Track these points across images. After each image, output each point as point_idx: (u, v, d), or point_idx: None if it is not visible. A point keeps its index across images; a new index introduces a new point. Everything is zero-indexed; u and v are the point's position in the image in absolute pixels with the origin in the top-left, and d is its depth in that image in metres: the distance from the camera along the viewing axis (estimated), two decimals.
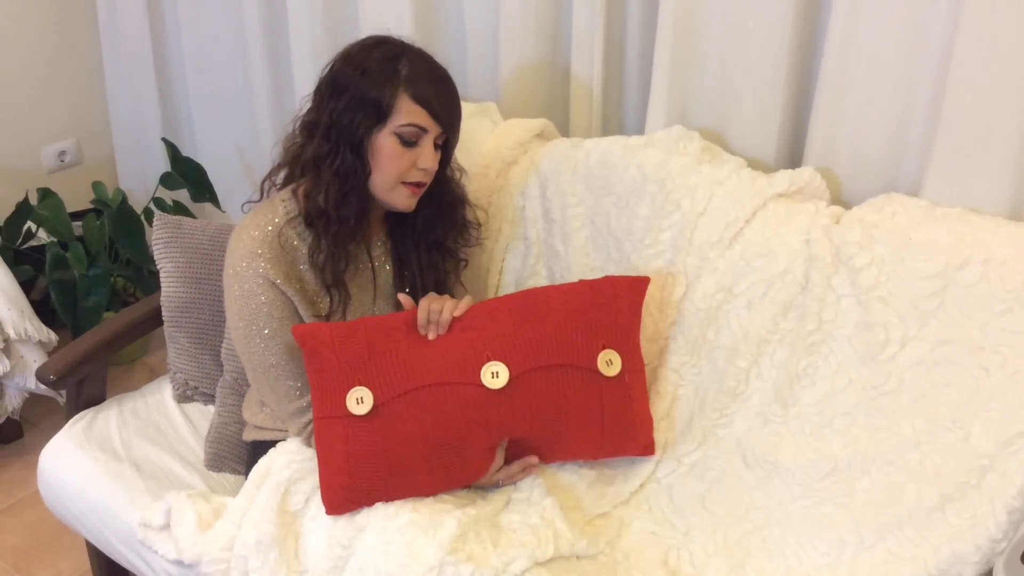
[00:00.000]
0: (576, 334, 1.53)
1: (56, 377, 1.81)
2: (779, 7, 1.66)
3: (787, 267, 1.57)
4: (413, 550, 1.36)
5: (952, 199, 1.54)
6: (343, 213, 1.52)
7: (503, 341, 1.50)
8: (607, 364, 1.54)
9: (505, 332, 1.51)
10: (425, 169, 1.52)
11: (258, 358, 1.54)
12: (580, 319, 1.54)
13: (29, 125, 2.92)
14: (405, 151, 1.50)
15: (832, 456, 1.51)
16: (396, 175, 1.51)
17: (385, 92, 1.47)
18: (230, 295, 1.54)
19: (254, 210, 1.57)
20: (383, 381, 1.46)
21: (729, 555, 1.53)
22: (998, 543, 1.33)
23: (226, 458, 1.79)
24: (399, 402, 1.46)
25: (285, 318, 1.53)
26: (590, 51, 1.93)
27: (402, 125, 1.48)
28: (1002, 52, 1.42)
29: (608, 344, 1.55)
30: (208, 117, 2.85)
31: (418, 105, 1.48)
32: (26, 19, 2.84)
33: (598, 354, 1.54)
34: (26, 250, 2.65)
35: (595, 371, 1.53)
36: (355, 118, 1.48)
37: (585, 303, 1.56)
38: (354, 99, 1.48)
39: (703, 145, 1.76)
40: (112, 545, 1.76)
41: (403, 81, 1.47)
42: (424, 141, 1.51)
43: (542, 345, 1.51)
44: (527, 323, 1.52)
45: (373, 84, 1.47)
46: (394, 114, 1.47)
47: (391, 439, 1.45)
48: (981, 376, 1.40)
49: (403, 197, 1.54)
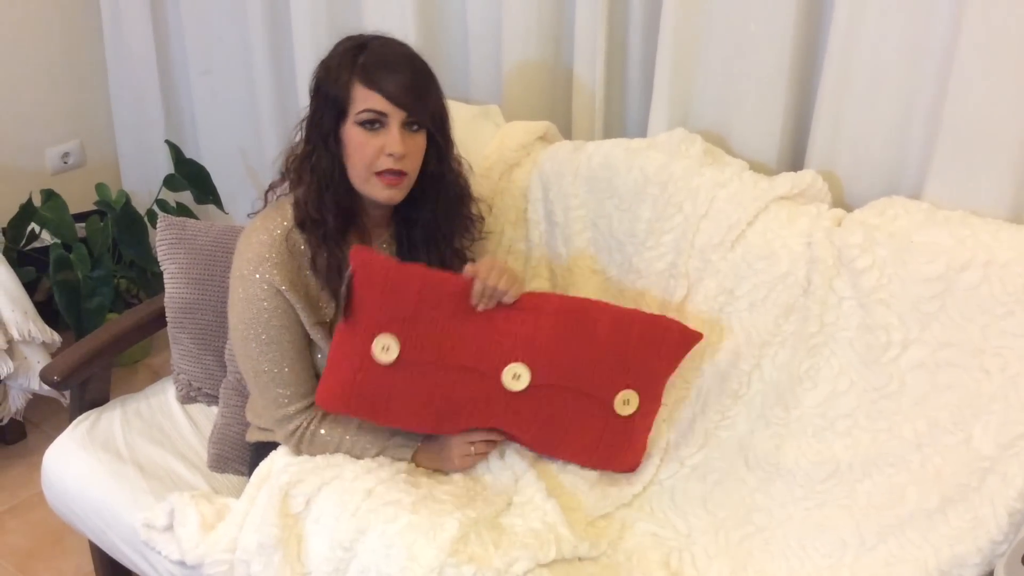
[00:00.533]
0: (606, 366, 1.54)
1: (60, 378, 1.82)
2: (781, 11, 1.66)
3: (789, 269, 1.57)
4: (414, 552, 1.37)
5: (953, 202, 1.54)
6: (323, 212, 1.52)
7: (536, 346, 1.51)
8: (624, 403, 1.55)
9: (542, 337, 1.51)
10: (393, 154, 1.49)
11: (252, 361, 1.55)
12: (618, 351, 1.54)
13: (33, 127, 2.92)
14: (370, 138, 1.48)
15: (834, 458, 1.51)
16: (364, 164, 1.50)
17: (340, 83, 1.48)
18: (234, 296, 1.55)
19: (263, 213, 1.58)
20: (415, 341, 1.48)
21: (731, 557, 1.53)
22: (999, 545, 1.34)
23: (229, 459, 1.79)
24: (420, 367, 1.49)
25: (284, 326, 1.53)
26: (592, 53, 1.93)
27: (359, 112, 1.48)
28: (1002, 55, 1.43)
29: (632, 385, 1.55)
30: (211, 119, 2.86)
31: (370, 90, 1.47)
32: (30, 21, 2.85)
33: (619, 392, 1.54)
34: (30, 252, 2.66)
35: (610, 407, 1.55)
36: (323, 116, 1.50)
37: (630, 337, 1.54)
38: (320, 98, 1.51)
39: (705, 148, 1.76)
40: (115, 546, 1.76)
41: (357, 69, 1.48)
42: (389, 124, 1.48)
43: (571, 365, 1.53)
44: (567, 335, 1.52)
45: (332, 79, 1.49)
46: (352, 103, 1.48)
47: (398, 393, 1.50)
48: (982, 378, 1.41)
49: (379, 188, 1.52)
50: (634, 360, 1.54)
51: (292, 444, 1.58)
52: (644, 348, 1.54)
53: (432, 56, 1.55)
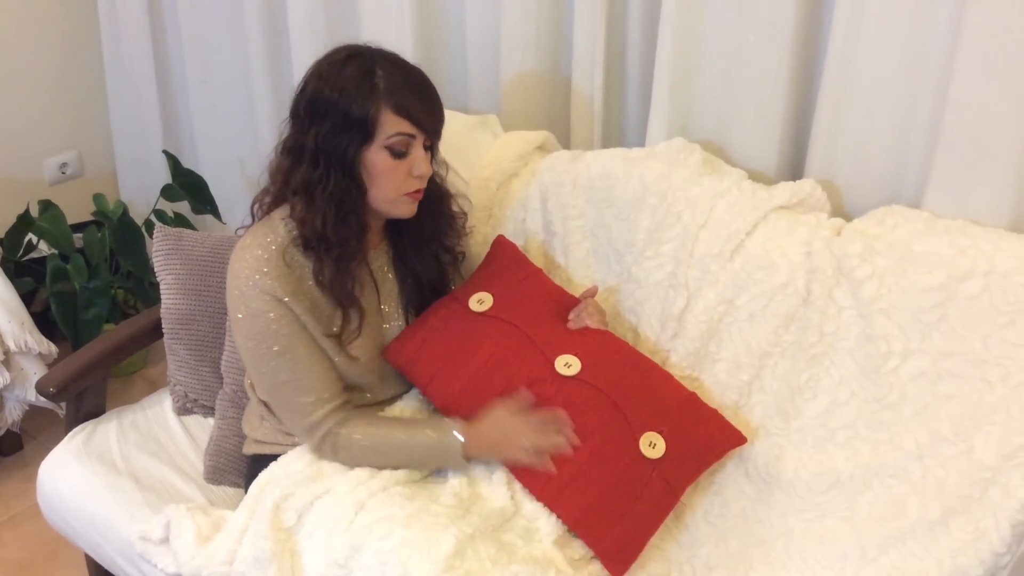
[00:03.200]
0: (647, 400, 1.55)
1: (56, 389, 1.81)
2: (780, 20, 1.66)
3: (788, 279, 1.56)
4: (409, 569, 1.35)
5: (953, 211, 1.54)
6: (343, 235, 1.50)
7: (594, 350, 1.59)
8: (649, 445, 1.50)
9: (603, 350, 1.60)
10: (421, 175, 1.51)
11: (270, 377, 1.53)
12: (662, 396, 1.57)
13: (30, 137, 2.92)
14: (398, 163, 1.48)
15: (834, 469, 1.50)
16: (395, 188, 1.50)
17: (368, 109, 1.45)
18: (235, 316, 1.52)
19: (254, 229, 1.55)
20: (506, 303, 1.64)
21: (731, 569, 1.52)
22: (1001, 557, 1.33)
23: (226, 471, 1.79)
24: (502, 324, 1.62)
25: (293, 333, 1.51)
26: (591, 63, 1.93)
27: (390, 137, 1.46)
28: (1002, 64, 1.42)
29: (663, 432, 1.51)
30: (209, 129, 2.85)
31: (401, 117, 1.46)
32: (28, 31, 2.85)
33: (648, 430, 1.51)
34: (27, 262, 2.65)
35: (635, 441, 1.50)
36: (342, 140, 1.46)
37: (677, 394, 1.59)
38: (337, 121, 1.46)
39: (704, 157, 1.76)
40: (111, 558, 1.75)
41: (382, 94, 1.45)
42: (414, 148, 1.49)
43: (618, 377, 1.56)
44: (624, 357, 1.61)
45: (354, 103, 1.45)
46: (380, 129, 1.46)
47: (476, 338, 1.61)
48: (984, 389, 1.40)
49: (405, 206, 1.55)
50: (675, 413, 1.55)
51: (326, 451, 1.54)
52: (685, 411, 1.56)
53: (430, 65, 1.55)
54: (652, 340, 1.71)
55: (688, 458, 1.53)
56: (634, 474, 1.48)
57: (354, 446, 1.53)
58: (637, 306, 1.74)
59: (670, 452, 1.50)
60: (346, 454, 1.53)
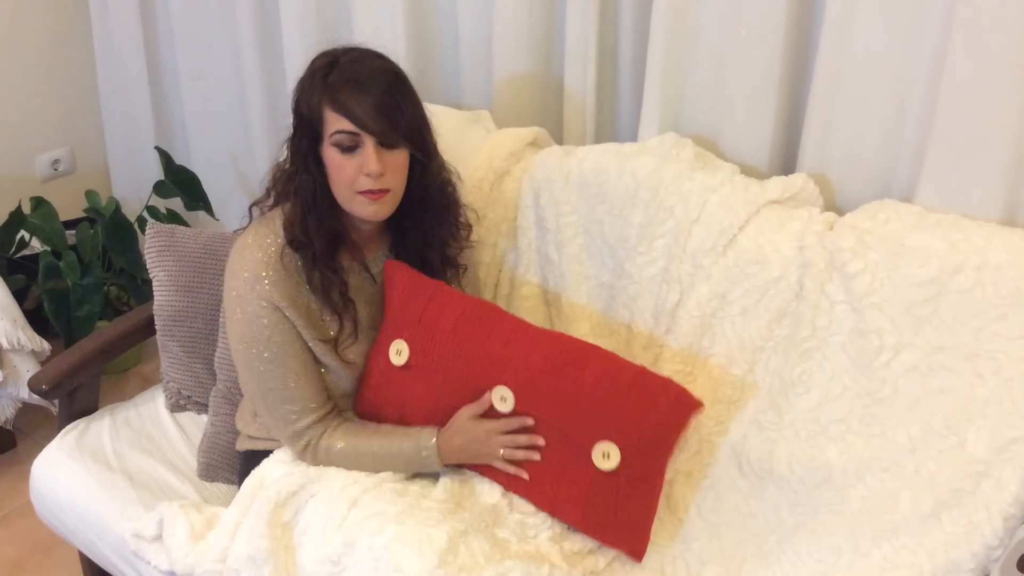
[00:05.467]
0: (587, 411, 1.46)
1: (49, 387, 1.81)
2: (772, 15, 1.66)
3: (781, 274, 1.56)
4: (401, 564, 1.35)
5: (945, 205, 1.54)
6: (308, 236, 1.50)
7: (524, 373, 1.49)
8: (603, 456, 1.45)
9: (531, 367, 1.49)
10: (370, 174, 1.45)
11: (257, 381, 1.53)
12: (601, 398, 1.46)
13: (22, 134, 2.91)
14: (347, 159, 1.46)
15: (827, 463, 1.51)
16: (345, 185, 1.48)
17: (312, 106, 1.46)
18: (231, 318, 1.52)
19: (254, 228, 1.54)
20: (421, 347, 1.55)
21: (725, 563, 1.53)
22: (994, 550, 1.33)
23: (219, 468, 1.78)
24: (427, 373, 1.55)
25: (286, 342, 1.51)
26: (583, 59, 1.93)
27: (332, 135, 1.45)
28: (994, 59, 1.43)
29: (613, 438, 1.45)
30: (202, 125, 2.85)
31: (339, 115, 1.44)
32: (20, 28, 2.84)
33: (597, 442, 1.45)
34: (19, 259, 2.65)
35: (587, 456, 1.46)
36: (301, 138, 1.49)
37: (617, 386, 1.46)
38: (297, 119, 1.50)
39: (696, 152, 1.76)
40: (104, 556, 1.75)
41: (326, 91, 1.44)
42: (365, 145, 1.45)
43: (554, 400, 1.48)
44: (554, 369, 1.48)
45: (305, 101, 1.47)
46: (324, 126, 1.46)
47: (412, 394, 1.56)
48: (976, 382, 1.40)
49: (362, 206, 1.49)
50: (617, 412, 1.45)
51: (307, 459, 1.56)
52: (630, 402, 1.45)
53: (423, 63, 1.54)
54: (645, 335, 1.71)
55: (649, 448, 1.46)
56: (601, 490, 1.47)
57: (334, 456, 1.54)
58: (630, 301, 1.74)
59: (627, 454, 1.44)
60: (327, 461, 1.55)
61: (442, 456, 1.52)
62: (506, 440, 1.50)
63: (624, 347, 1.75)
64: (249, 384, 1.56)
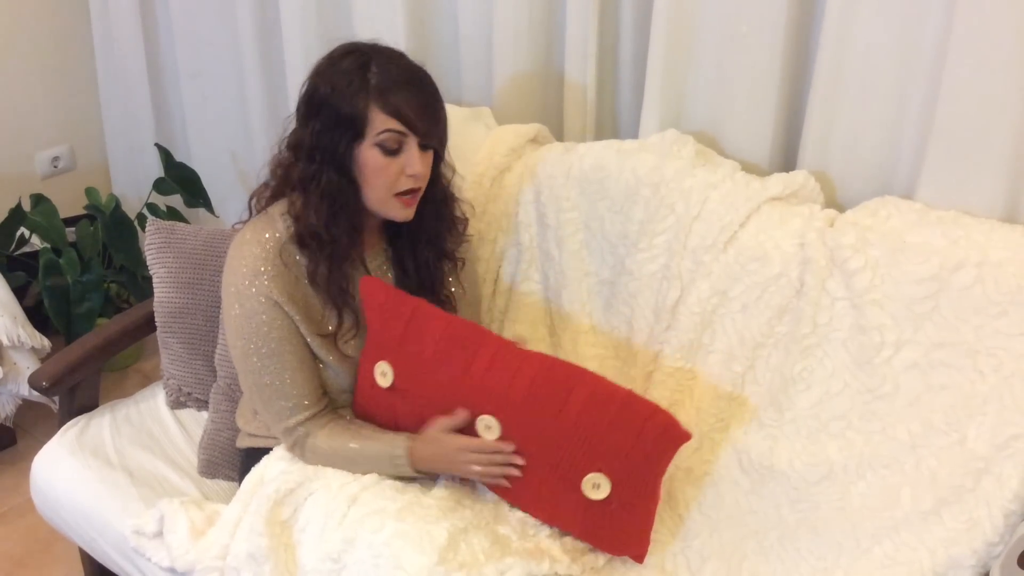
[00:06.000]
0: (574, 444, 1.43)
1: (49, 383, 1.81)
2: (772, 11, 1.66)
3: (781, 271, 1.56)
4: (402, 561, 1.35)
5: (946, 202, 1.54)
6: (334, 233, 1.49)
7: (509, 404, 1.45)
8: (593, 487, 1.43)
9: (515, 397, 1.44)
10: (414, 175, 1.48)
11: (254, 376, 1.54)
12: (587, 430, 1.42)
13: (22, 131, 2.91)
14: (390, 161, 1.46)
15: (827, 460, 1.51)
16: (386, 187, 1.48)
17: (357, 106, 1.43)
18: (229, 313, 1.52)
19: (252, 224, 1.54)
20: (405, 372, 1.52)
21: (725, 559, 1.53)
22: (994, 546, 1.33)
23: (220, 465, 1.78)
24: (412, 396, 1.53)
25: (284, 338, 1.52)
26: (584, 55, 1.92)
27: (379, 134, 1.44)
28: (995, 55, 1.42)
29: (603, 469, 1.42)
30: (202, 122, 2.84)
31: (388, 115, 1.43)
32: (20, 25, 2.83)
33: (587, 474, 1.43)
34: (19, 256, 2.65)
35: (577, 488, 1.44)
36: (334, 137, 1.45)
37: (603, 417, 1.41)
38: (329, 118, 1.45)
39: (697, 149, 1.76)
40: (105, 552, 1.75)
41: (372, 91, 1.43)
42: (408, 146, 1.46)
43: (540, 432, 1.45)
44: (538, 401, 1.44)
45: (344, 99, 1.44)
46: (369, 126, 1.44)
47: (400, 415, 1.55)
48: (976, 379, 1.40)
49: (397, 209, 1.51)
50: (604, 444, 1.41)
51: (296, 454, 1.57)
52: (617, 433, 1.41)
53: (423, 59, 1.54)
54: (646, 332, 1.71)
55: (639, 475, 1.44)
56: (594, 516, 1.46)
57: (319, 453, 1.55)
58: (631, 298, 1.73)
59: (617, 484, 1.43)
60: (313, 458, 1.55)
61: (413, 463, 1.50)
62: (481, 459, 1.47)
63: (624, 344, 1.75)
64: (246, 379, 1.56)
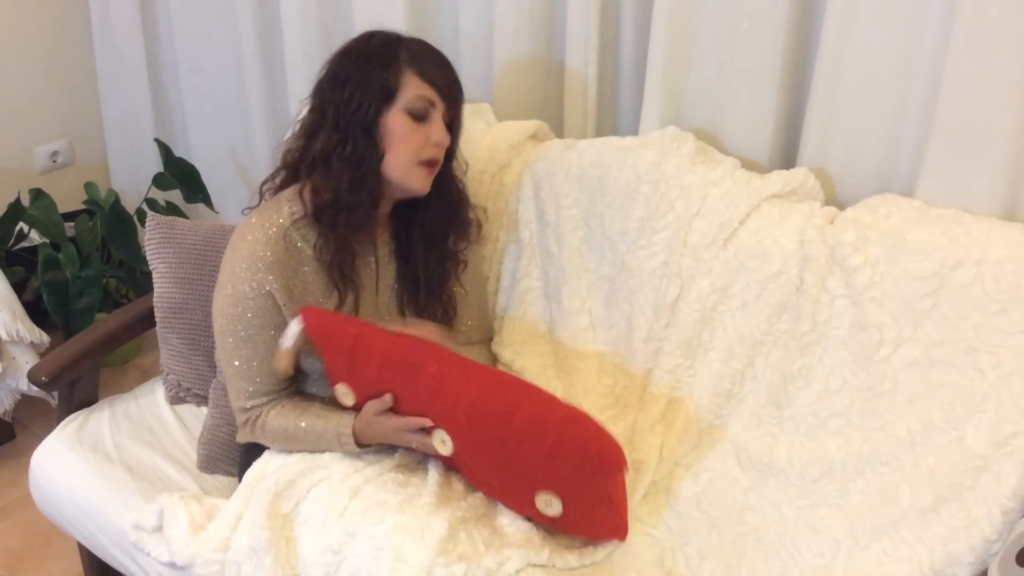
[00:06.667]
0: (520, 464, 1.42)
1: (48, 378, 1.81)
2: (773, 8, 1.66)
3: (781, 268, 1.56)
4: (402, 553, 1.36)
5: (946, 200, 1.54)
6: (356, 199, 1.51)
7: (457, 420, 1.44)
8: (546, 504, 1.42)
9: (461, 414, 1.43)
10: (439, 143, 1.53)
11: (227, 354, 1.57)
12: (530, 451, 1.39)
13: (21, 125, 2.90)
14: (417, 127, 1.51)
15: (826, 457, 1.51)
16: (412, 153, 1.51)
17: (390, 72, 1.49)
18: (221, 291, 1.55)
19: (258, 210, 1.56)
20: (362, 391, 1.54)
21: (723, 556, 1.53)
22: (992, 544, 1.33)
23: (219, 460, 1.78)
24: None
25: (263, 327, 1.54)
26: (584, 51, 1.92)
27: (411, 99, 1.49)
28: (996, 52, 1.42)
29: (551, 489, 1.41)
30: (201, 118, 2.84)
31: (423, 81, 1.50)
32: (19, 19, 2.83)
33: (537, 492, 1.42)
34: (18, 251, 2.65)
35: (531, 503, 1.44)
36: (363, 102, 1.49)
37: (543, 443, 1.37)
38: (359, 85, 1.49)
39: (697, 146, 1.76)
40: (104, 547, 1.75)
41: (405, 60, 1.50)
42: (434, 116, 1.52)
43: (487, 449, 1.44)
44: (483, 418, 1.41)
45: (377, 66, 1.49)
46: (402, 90, 1.49)
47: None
48: (975, 377, 1.40)
49: (420, 178, 1.54)
50: (546, 469, 1.39)
51: (246, 432, 1.60)
52: (557, 461, 1.38)
53: None
54: (645, 329, 1.71)
55: (588, 493, 1.42)
56: (559, 524, 1.46)
57: (268, 432, 1.59)
58: (631, 295, 1.73)
59: (568, 503, 1.41)
60: (263, 437, 1.59)
61: (358, 440, 1.54)
62: (414, 438, 1.50)
63: (624, 341, 1.75)
64: (220, 353, 1.60)
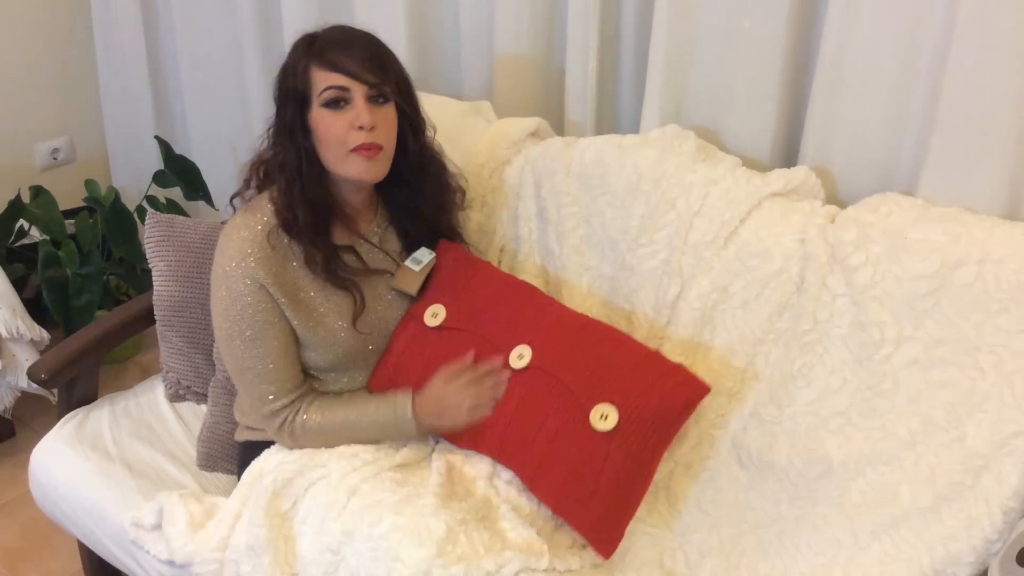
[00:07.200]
0: (595, 370, 1.50)
1: (48, 376, 1.80)
2: (775, 6, 1.65)
3: (782, 267, 1.56)
4: (400, 554, 1.35)
5: (947, 198, 1.54)
6: (292, 209, 1.51)
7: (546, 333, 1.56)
8: (601, 417, 1.45)
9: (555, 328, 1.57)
10: (363, 127, 1.46)
11: (237, 359, 1.54)
12: (611, 362, 1.51)
13: (22, 123, 2.90)
14: (337, 115, 1.47)
15: (827, 456, 1.50)
16: (338, 143, 1.48)
17: (298, 73, 1.49)
18: (217, 295, 1.53)
19: (242, 211, 1.56)
20: (458, 310, 1.61)
21: (724, 555, 1.53)
22: (993, 543, 1.33)
23: (218, 458, 1.78)
24: (458, 333, 1.60)
25: (268, 322, 1.52)
26: (585, 49, 1.92)
27: (321, 93, 1.47)
28: (997, 51, 1.42)
29: (614, 400, 1.46)
30: (201, 115, 2.84)
31: (328, 70, 1.47)
32: (19, 17, 2.83)
33: (598, 403, 1.46)
34: (18, 248, 2.64)
35: (585, 417, 1.46)
36: (287, 113, 1.51)
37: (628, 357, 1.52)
38: (284, 99, 1.52)
39: (698, 144, 1.75)
40: (104, 545, 1.75)
41: (311, 56, 1.48)
42: (354, 99, 1.47)
43: (568, 356, 1.52)
44: (575, 332, 1.57)
45: (291, 73, 1.50)
46: (312, 87, 1.48)
47: (438, 355, 1.59)
48: (976, 376, 1.40)
49: (358, 164, 1.50)
50: (624, 378, 1.48)
51: (284, 439, 1.57)
52: (639, 372, 1.49)
53: (423, 52, 1.55)
54: (646, 327, 1.71)
55: (648, 423, 1.45)
56: (591, 450, 1.46)
57: (310, 430, 1.56)
58: (631, 293, 1.73)
59: (624, 420, 1.44)
60: (304, 439, 1.56)
61: (417, 417, 1.54)
62: (471, 391, 1.53)
63: None
64: (230, 362, 1.57)
